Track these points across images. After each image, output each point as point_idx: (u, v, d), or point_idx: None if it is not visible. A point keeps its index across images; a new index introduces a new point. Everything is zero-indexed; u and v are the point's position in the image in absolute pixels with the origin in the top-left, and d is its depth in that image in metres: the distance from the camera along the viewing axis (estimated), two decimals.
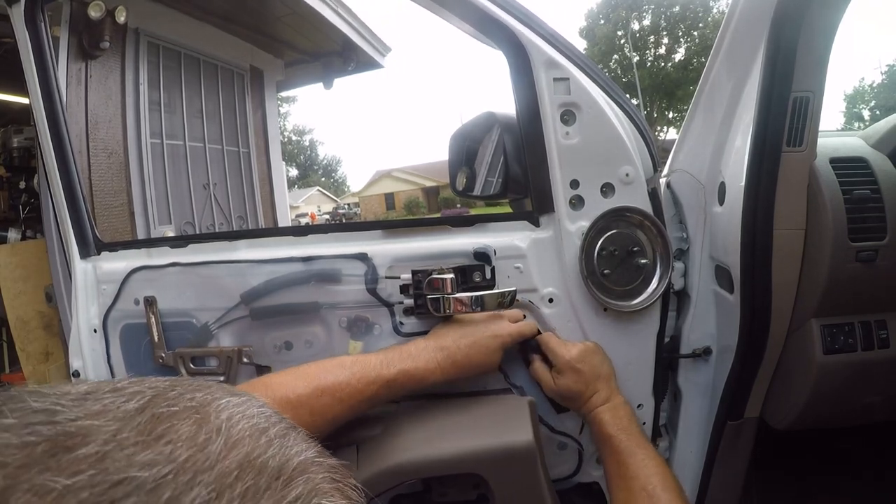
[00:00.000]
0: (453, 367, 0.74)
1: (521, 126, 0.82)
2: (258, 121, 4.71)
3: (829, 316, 0.82)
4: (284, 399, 0.65)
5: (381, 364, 0.72)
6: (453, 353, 0.75)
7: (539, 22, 0.79)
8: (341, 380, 0.69)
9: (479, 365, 0.76)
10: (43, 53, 0.98)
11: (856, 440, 1.14)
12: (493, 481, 0.68)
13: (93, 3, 2.69)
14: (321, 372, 0.69)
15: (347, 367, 0.70)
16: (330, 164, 47.00)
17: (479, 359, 0.75)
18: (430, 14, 0.85)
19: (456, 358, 0.74)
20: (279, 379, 0.69)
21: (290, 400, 0.66)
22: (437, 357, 0.74)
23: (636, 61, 30.09)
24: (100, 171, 3.13)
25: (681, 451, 0.94)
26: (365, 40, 4.70)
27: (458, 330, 0.78)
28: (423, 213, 30.21)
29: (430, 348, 0.75)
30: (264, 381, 0.69)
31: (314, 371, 0.70)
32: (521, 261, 0.83)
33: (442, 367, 0.73)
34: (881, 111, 26.81)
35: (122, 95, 3.32)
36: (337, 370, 0.70)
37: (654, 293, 0.82)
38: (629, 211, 0.81)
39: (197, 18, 3.86)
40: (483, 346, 0.76)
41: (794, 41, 0.70)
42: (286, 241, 0.92)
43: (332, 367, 0.70)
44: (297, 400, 0.66)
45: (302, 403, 0.66)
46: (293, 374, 0.69)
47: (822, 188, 0.78)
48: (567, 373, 0.78)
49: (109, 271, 0.97)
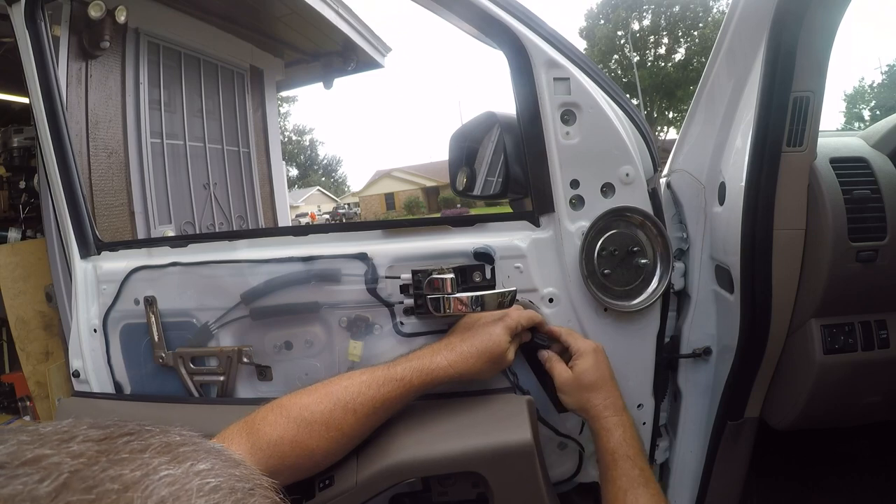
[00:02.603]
0: (461, 358, 0.73)
1: (522, 126, 0.82)
2: (258, 120, 4.70)
3: (829, 316, 0.82)
4: (300, 418, 0.66)
5: (388, 367, 0.72)
6: (457, 344, 0.74)
7: (539, 22, 0.79)
8: (352, 390, 0.69)
9: (486, 350, 0.74)
10: (43, 53, 0.98)
11: (856, 440, 1.14)
12: (492, 480, 0.68)
13: (93, 3, 2.69)
14: (332, 386, 0.70)
15: (356, 377, 0.71)
16: (330, 164, 46.98)
17: (484, 344, 0.74)
18: (431, 14, 0.85)
19: (462, 348, 0.74)
20: (294, 399, 0.69)
21: (305, 418, 0.67)
22: (442, 351, 0.74)
23: (636, 61, 30.08)
24: (100, 170, 3.13)
25: (681, 451, 0.94)
26: (365, 40, 4.69)
27: (464, 326, 0.79)
28: (423, 213, 30.19)
29: (436, 346, 0.76)
30: (280, 403, 0.69)
31: (325, 387, 0.70)
32: (521, 261, 0.83)
33: (449, 360, 0.73)
34: (881, 111, 26.79)
35: (123, 95, 3.31)
36: (346, 381, 0.70)
37: (655, 293, 0.82)
38: (629, 211, 0.81)
39: (197, 18, 3.85)
40: (487, 332, 0.75)
41: (794, 41, 0.70)
42: (286, 241, 0.92)
43: (343, 380, 0.71)
44: (311, 417, 0.67)
45: (316, 420, 0.67)
46: (306, 392, 0.70)
47: (822, 188, 0.78)
48: (587, 356, 0.77)
49: (109, 271, 0.97)
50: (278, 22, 4.34)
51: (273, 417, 0.67)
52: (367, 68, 5.09)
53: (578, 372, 0.76)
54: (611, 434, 0.73)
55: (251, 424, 0.67)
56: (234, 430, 0.67)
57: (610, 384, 0.77)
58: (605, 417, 0.74)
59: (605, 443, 0.73)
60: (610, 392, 0.76)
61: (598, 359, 0.77)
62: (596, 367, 0.76)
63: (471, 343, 0.74)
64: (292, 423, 0.66)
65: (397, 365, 0.72)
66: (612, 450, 0.72)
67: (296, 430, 0.66)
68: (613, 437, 0.72)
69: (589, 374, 0.76)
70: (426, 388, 0.72)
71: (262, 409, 0.69)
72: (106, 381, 0.99)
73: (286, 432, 0.66)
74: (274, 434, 0.65)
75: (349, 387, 0.69)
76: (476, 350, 0.74)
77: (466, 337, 0.76)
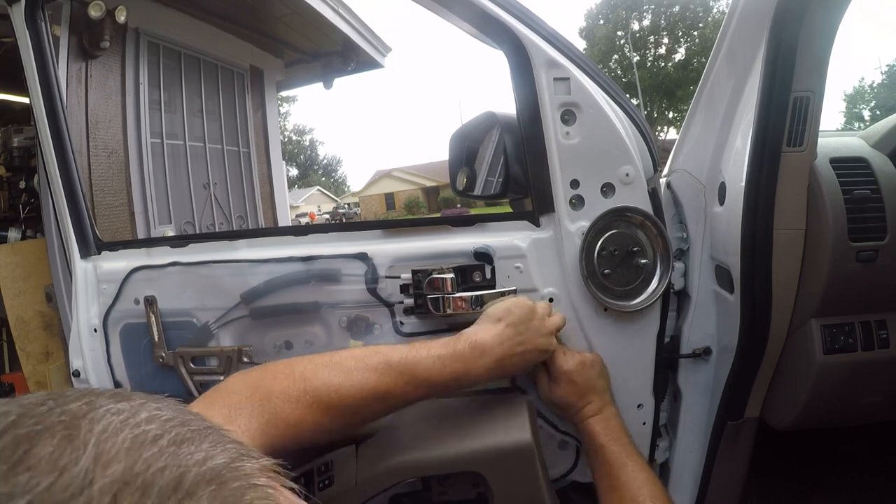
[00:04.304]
0: (513, 330, 0.71)
1: (522, 126, 0.82)
2: (258, 120, 4.70)
3: (829, 316, 0.82)
4: (330, 404, 0.62)
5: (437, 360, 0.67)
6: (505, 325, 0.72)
7: (539, 22, 0.79)
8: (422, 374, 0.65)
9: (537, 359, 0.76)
10: (43, 53, 0.98)
11: (856, 440, 1.14)
12: (492, 480, 0.68)
13: (93, 3, 2.69)
14: (384, 378, 0.64)
15: (425, 359, 0.67)
16: (330, 164, 46.99)
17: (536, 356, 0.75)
18: (431, 14, 0.85)
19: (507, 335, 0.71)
20: (320, 376, 0.63)
21: (334, 402, 0.62)
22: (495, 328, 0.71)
23: (636, 61, 30.09)
24: (100, 170, 3.13)
25: (681, 451, 0.94)
26: (365, 40, 4.69)
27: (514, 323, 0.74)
28: (423, 213, 30.19)
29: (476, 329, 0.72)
30: (304, 376, 0.63)
31: (371, 373, 0.65)
32: (521, 261, 0.83)
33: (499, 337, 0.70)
34: (881, 111, 26.79)
35: (123, 95, 3.31)
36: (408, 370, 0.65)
37: (655, 293, 0.82)
38: (629, 211, 0.81)
39: (197, 18, 3.85)
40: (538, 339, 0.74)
41: (794, 41, 0.70)
42: (286, 240, 0.92)
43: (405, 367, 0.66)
44: (340, 402, 0.62)
45: (348, 407, 0.62)
46: (336, 368, 0.64)
47: (822, 188, 0.78)
48: (562, 383, 0.78)
49: (109, 271, 0.97)
50: (278, 22, 4.34)
51: (296, 393, 0.60)
52: (367, 68, 5.09)
53: (555, 395, 0.79)
54: (594, 433, 0.77)
55: (266, 396, 0.59)
56: (242, 399, 0.59)
57: (592, 394, 0.78)
58: (588, 421, 0.78)
59: (590, 442, 0.77)
60: (594, 400, 0.78)
61: (574, 383, 0.78)
62: (570, 392, 0.78)
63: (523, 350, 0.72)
64: (321, 409, 0.60)
65: (448, 362, 0.67)
66: (599, 444, 0.76)
67: (321, 417, 0.61)
68: (597, 434, 0.77)
69: (564, 398, 0.79)
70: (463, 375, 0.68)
71: (279, 379, 0.62)
72: (106, 381, 0.99)
73: (309, 417, 0.60)
74: (294, 416, 0.59)
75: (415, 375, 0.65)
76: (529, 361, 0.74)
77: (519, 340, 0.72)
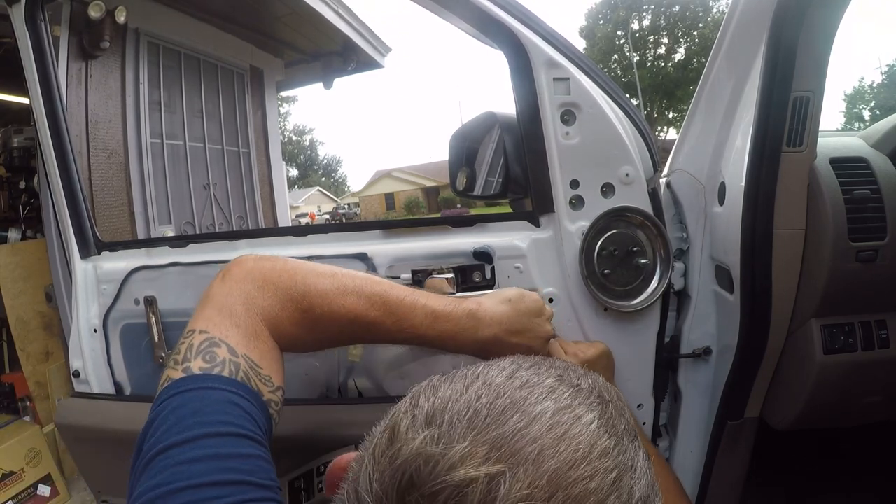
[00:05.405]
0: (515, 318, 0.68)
1: (522, 126, 0.82)
2: (258, 121, 4.71)
3: (829, 316, 0.82)
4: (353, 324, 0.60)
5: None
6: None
7: (539, 22, 0.79)
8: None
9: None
10: (43, 53, 0.98)
11: (856, 440, 1.14)
12: None
13: (93, 3, 2.69)
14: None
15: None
16: (330, 164, 46.97)
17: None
18: (431, 14, 0.85)
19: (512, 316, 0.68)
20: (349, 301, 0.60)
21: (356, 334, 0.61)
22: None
23: (636, 61, 30.08)
24: (100, 171, 3.14)
25: (681, 451, 0.94)
26: (365, 40, 4.70)
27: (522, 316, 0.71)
28: (423, 213, 30.19)
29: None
30: (324, 293, 0.59)
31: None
32: (521, 261, 0.83)
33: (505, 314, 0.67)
34: (881, 111, 26.77)
35: (122, 95, 3.32)
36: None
37: (655, 293, 0.82)
38: (629, 211, 0.81)
39: (197, 18, 3.86)
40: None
41: (794, 41, 0.70)
42: (286, 241, 0.92)
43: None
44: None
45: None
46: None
47: (822, 188, 0.78)
48: None
49: (109, 271, 0.97)
50: (278, 22, 4.35)
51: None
52: (367, 68, 5.10)
53: None
54: None
55: (274, 323, 0.57)
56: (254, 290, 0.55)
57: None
58: None
59: None
60: None
61: None
62: None
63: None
64: (312, 319, 0.59)
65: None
66: None
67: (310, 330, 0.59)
68: None
69: None
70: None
71: (283, 279, 0.57)
72: (106, 382, 0.99)
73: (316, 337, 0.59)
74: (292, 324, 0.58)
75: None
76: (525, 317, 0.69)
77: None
